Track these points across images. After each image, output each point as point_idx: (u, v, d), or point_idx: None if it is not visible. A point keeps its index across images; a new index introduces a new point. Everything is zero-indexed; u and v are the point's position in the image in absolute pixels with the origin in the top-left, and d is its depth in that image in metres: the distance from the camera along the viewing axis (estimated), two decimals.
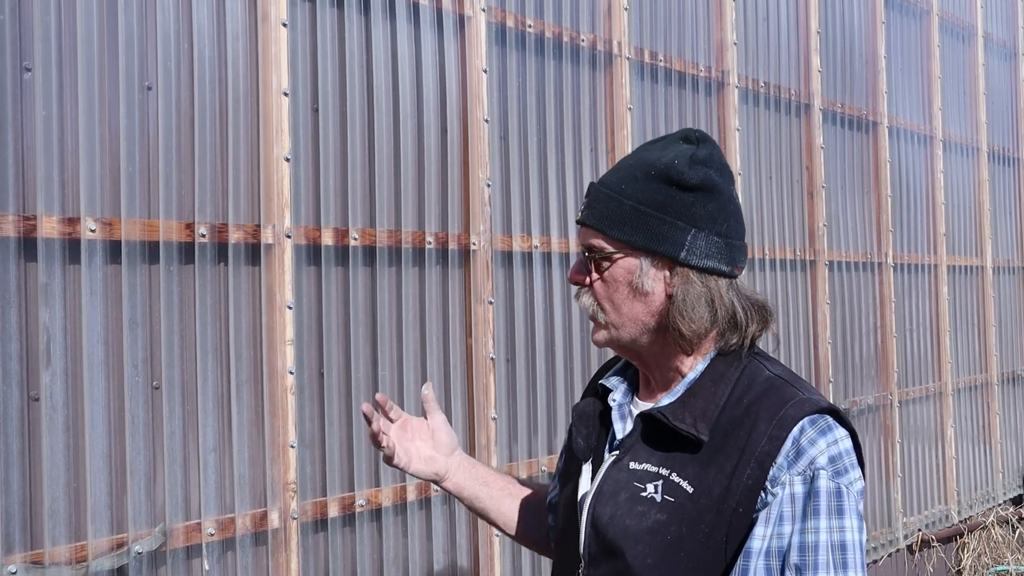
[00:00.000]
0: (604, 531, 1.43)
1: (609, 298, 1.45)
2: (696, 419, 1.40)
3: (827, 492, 1.33)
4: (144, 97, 2.12)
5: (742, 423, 1.38)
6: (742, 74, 3.81)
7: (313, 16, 2.45)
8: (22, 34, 1.95)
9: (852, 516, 1.33)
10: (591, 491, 1.47)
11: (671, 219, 1.41)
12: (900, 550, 4.60)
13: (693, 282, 1.41)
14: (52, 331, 1.96)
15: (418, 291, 2.64)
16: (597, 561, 1.45)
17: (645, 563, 1.38)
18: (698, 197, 1.42)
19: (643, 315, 1.44)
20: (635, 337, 1.45)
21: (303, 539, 2.34)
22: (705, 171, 1.43)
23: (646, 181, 1.43)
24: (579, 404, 1.57)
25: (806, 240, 4.14)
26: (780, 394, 1.40)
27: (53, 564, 1.92)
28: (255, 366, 2.29)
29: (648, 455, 1.43)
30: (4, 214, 1.90)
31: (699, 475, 1.38)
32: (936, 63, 5.12)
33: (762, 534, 1.34)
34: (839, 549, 1.32)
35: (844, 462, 1.36)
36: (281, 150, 2.32)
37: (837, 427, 1.38)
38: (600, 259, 1.45)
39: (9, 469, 1.89)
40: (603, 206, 1.45)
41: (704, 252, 1.41)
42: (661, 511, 1.39)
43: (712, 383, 1.43)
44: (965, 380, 5.28)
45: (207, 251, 2.20)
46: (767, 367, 1.45)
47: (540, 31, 3.03)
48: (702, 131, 1.49)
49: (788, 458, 1.35)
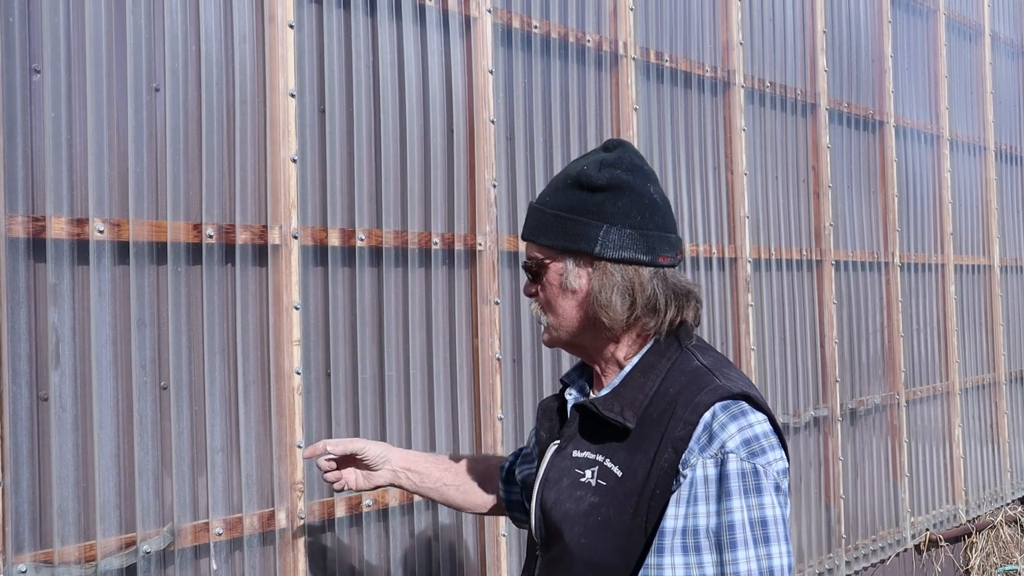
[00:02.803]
0: (549, 514, 1.55)
1: (549, 302, 1.58)
2: (624, 408, 1.51)
3: (739, 473, 1.40)
4: (152, 98, 2.14)
5: (666, 411, 1.48)
6: (748, 74, 3.81)
7: (320, 17, 2.46)
8: (31, 36, 1.96)
9: (771, 493, 1.41)
10: (540, 478, 1.60)
11: (584, 219, 1.52)
12: (908, 550, 4.59)
13: (611, 274, 1.52)
14: (61, 331, 1.97)
15: (424, 291, 2.65)
16: (547, 542, 1.57)
17: (579, 542, 1.50)
18: (607, 196, 1.53)
19: (574, 312, 1.56)
20: (572, 334, 1.58)
21: (310, 539, 2.35)
22: (612, 172, 1.54)
23: (564, 190, 1.56)
24: (543, 400, 1.71)
25: (812, 240, 4.14)
26: (699, 382, 1.49)
27: (62, 563, 1.94)
28: (262, 366, 2.29)
29: (587, 444, 1.55)
30: (14, 215, 1.91)
31: (627, 460, 1.49)
32: (943, 62, 5.11)
33: (674, 514, 1.42)
34: (759, 525, 1.39)
35: (760, 444, 1.43)
36: (288, 151, 2.33)
37: (751, 412, 1.46)
38: (537, 268, 1.58)
39: (19, 469, 1.90)
40: (534, 220, 1.59)
41: (617, 245, 1.52)
42: (595, 494, 1.50)
43: (642, 374, 1.53)
44: (973, 379, 5.27)
45: (214, 252, 2.21)
46: (697, 357, 1.54)
47: (546, 32, 3.03)
48: (620, 139, 1.64)
49: (700, 443, 1.43)
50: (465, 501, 1.98)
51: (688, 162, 3.53)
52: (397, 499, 2.54)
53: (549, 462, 1.59)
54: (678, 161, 3.48)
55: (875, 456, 4.44)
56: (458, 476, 1.97)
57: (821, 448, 4.11)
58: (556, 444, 1.60)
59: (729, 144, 3.72)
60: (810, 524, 3.98)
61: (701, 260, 3.54)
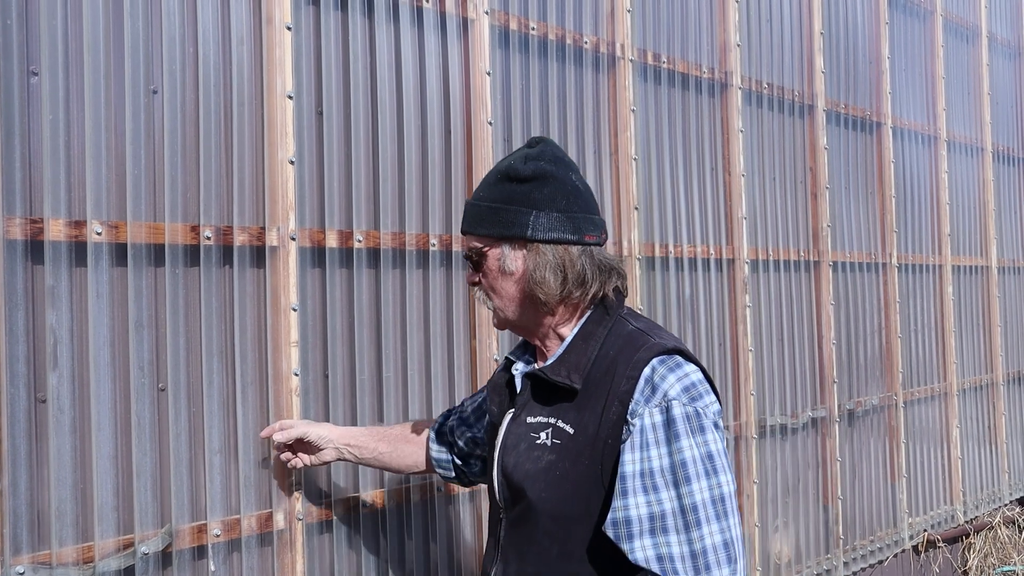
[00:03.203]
0: (511, 477, 1.72)
1: (491, 286, 1.77)
2: (570, 371, 1.69)
3: (683, 416, 1.59)
4: (150, 101, 2.14)
5: (608, 370, 1.66)
6: (745, 75, 3.82)
7: (317, 19, 2.46)
8: (29, 39, 1.96)
9: (711, 431, 1.60)
10: (498, 446, 1.78)
11: (515, 207, 1.71)
12: (906, 551, 4.60)
13: (544, 253, 1.70)
14: (59, 333, 1.98)
15: (422, 293, 2.65)
16: (511, 504, 1.74)
17: (541, 496, 1.67)
18: (534, 185, 1.71)
19: (514, 292, 1.75)
20: (516, 312, 1.76)
21: (308, 540, 2.36)
22: (537, 163, 1.72)
23: (495, 184, 1.75)
24: (492, 377, 1.90)
25: (810, 241, 4.14)
26: (636, 342, 1.68)
27: (60, 565, 1.94)
28: (260, 368, 2.30)
29: (540, 409, 1.72)
30: (11, 217, 1.92)
31: (577, 418, 1.66)
32: (940, 63, 5.12)
33: (631, 459, 1.59)
34: (707, 459, 1.58)
35: (697, 390, 1.63)
36: (286, 153, 2.33)
37: (686, 363, 1.65)
38: (477, 257, 1.77)
39: (16, 470, 1.90)
40: (470, 213, 1.78)
41: (547, 227, 1.70)
42: (551, 452, 1.67)
43: (583, 341, 1.72)
44: (970, 380, 5.28)
45: (212, 253, 2.22)
46: (631, 322, 1.74)
47: (543, 34, 3.04)
48: (542, 136, 1.82)
49: (644, 395, 1.62)
50: (400, 464, 2.23)
51: (686, 163, 3.54)
52: (394, 500, 2.54)
53: (506, 430, 1.77)
54: (676, 162, 3.49)
55: (873, 457, 4.44)
56: (391, 443, 2.21)
57: (819, 449, 4.12)
58: (511, 413, 1.78)
59: (727, 145, 3.73)
60: (808, 525, 3.98)
61: (699, 261, 3.55)
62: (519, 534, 1.72)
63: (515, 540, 1.73)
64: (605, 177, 3.23)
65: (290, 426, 2.22)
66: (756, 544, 3.69)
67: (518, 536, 1.73)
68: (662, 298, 3.39)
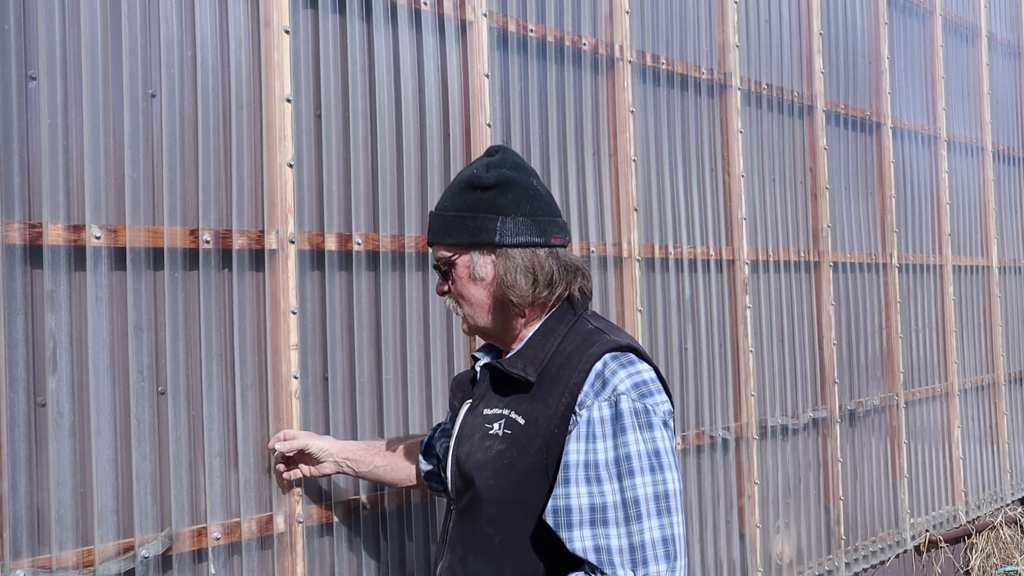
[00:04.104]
0: (463, 466, 1.75)
1: (460, 294, 1.79)
2: (526, 364, 1.72)
3: (631, 411, 1.60)
4: (148, 105, 2.14)
5: (564, 365, 1.69)
6: (744, 76, 3.82)
7: (315, 23, 2.46)
8: (27, 43, 1.97)
9: (660, 428, 1.61)
10: (454, 436, 1.82)
11: (481, 215, 1.74)
12: (908, 551, 4.59)
13: (513, 257, 1.73)
14: (58, 337, 1.98)
15: (421, 295, 2.65)
16: (461, 494, 1.77)
17: (488, 484, 1.69)
18: (498, 192, 1.74)
19: (485, 298, 1.77)
20: (486, 318, 1.79)
21: (309, 543, 2.36)
22: (499, 171, 1.75)
23: (459, 193, 1.77)
24: (456, 375, 1.95)
25: (810, 241, 4.14)
26: (592, 338, 1.71)
27: (60, 568, 1.94)
28: (259, 371, 2.30)
29: (496, 401, 1.75)
30: (10, 222, 1.92)
31: (530, 410, 1.69)
32: (940, 63, 5.12)
33: (575, 449, 1.61)
34: (653, 455, 1.59)
35: (648, 387, 1.65)
36: (284, 156, 2.33)
37: (638, 361, 1.68)
38: (446, 266, 1.79)
39: (16, 474, 1.90)
40: (436, 224, 1.80)
41: (514, 231, 1.73)
42: (502, 442, 1.70)
43: (542, 336, 1.75)
44: (972, 380, 5.27)
45: (211, 257, 2.22)
46: (591, 322, 1.77)
47: (542, 35, 3.04)
48: (500, 144, 1.86)
49: (594, 388, 1.64)
50: (394, 478, 2.27)
51: (685, 164, 3.53)
52: (395, 502, 2.54)
53: (463, 420, 1.82)
54: (675, 163, 3.49)
55: (874, 457, 4.44)
56: (386, 457, 2.26)
57: (820, 449, 4.11)
58: (468, 403, 1.82)
59: (726, 146, 3.73)
60: (809, 525, 3.98)
61: (699, 262, 3.55)
62: (465, 523, 1.75)
63: (461, 530, 1.76)
64: (604, 178, 3.23)
65: (292, 437, 2.25)
66: (757, 545, 3.69)
67: (464, 526, 1.75)
68: (662, 299, 3.39)
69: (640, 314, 3.26)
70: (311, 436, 2.26)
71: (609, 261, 3.21)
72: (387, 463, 2.26)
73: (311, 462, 2.26)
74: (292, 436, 2.25)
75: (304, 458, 2.26)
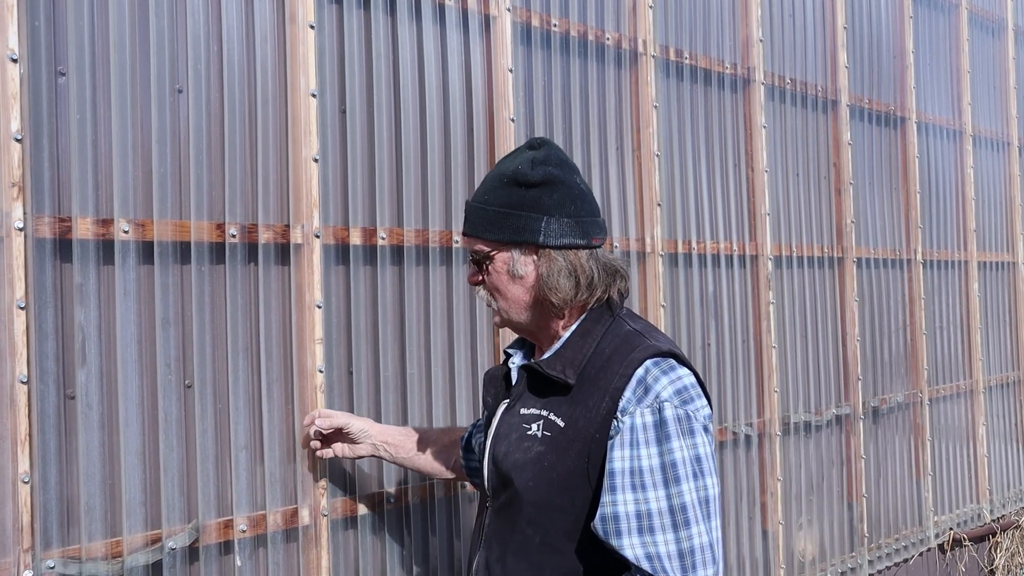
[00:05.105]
0: (500, 465, 1.75)
1: (496, 288, 1.78)
2: (565, 366, 1.71)
3: (675, 418, 1.61)
4: (175, 100, 2.16)
5: (603, 368, 1.68)
6: (768, 71, 3.80)
7: (340, 18, 2.47)
8: (57, 40, 1.99)
9: (701, 434, 1.63)
10: (491, 435, 1.82)
11: (526, 213, 1.72)
12: (931, 549, 4.56)
13: (555, 259, 1.72)
14: (87, 331, 2.00)
15: (445, 290, 2.66)
16: (498, 492, 1.77)
17: (527, 485, 1.70)
18: (544, 191, 1.72)
19: (523, 295, 1.76)
20: (521, 314, 1.78)
21: (333, 536, 2.37)
22: (545, 168, 1.73)
23: (502, 188, 1.74)
24: (488, 370, 1.96)
25: (834, 237, 4.12)
26: (632, 342, 1.71)
27: (90, 559, 1.96)
28: (285, 365, 2.31)
29: (534, 401, 1.75)
30: (40, 216, 1.94)
31: (569, 412, 1.69)
32: (965, 57, 5.07)
33: (620, 456, 1.62)
34: (695, 461, 1.61)
35: (689, 393, 1.65)
36: (309, 151, 2.35)
37: (679, 367, 1.68)
38: (483, 259, 1.77)
39: (47, 466, 1.92)
40: (476, 217, 1.77)
41: (559, 233, 1.72)
42: (541, 444, 1.70)
43: (580, 337, 1.74)
44: (997, 377, 5.23)
45: (237, 251, 2.23)
46: (628, 323, 1.76)
47: (565, 30, 3.04)
48: (543, 137, 1.83)
49: (636, 394, 1.64)
50: (432, 468, 2.27)
51: (708, 159, 3.52)
52: (418, 496, 2.55)
53: (499, 419, 1.81)
54: (698, 158, 3.48)
55: (898, 454, 4.41)
56: (426, 446, 2.26)
57: (843, 446, 4.09)
58: (506, 403, 1.82)
59: (749, 141, 3.71)
60: (832, 523, 3.96)
61: (722, 257, 3.54)
62: (503, 522, 1.75)
63: (499, 528, 1.76)
64: (628, 174, 3.22)
65: (331, 415, 2.25)
66: (780, 542, 3.67)
67: (502, 524, 1.76)
68: (685, 295, 3.38)
69: (663, 310, 3.26)
70: (351, 416, 2.27)
71: (632, 256, 3.20)
72: (426, 452, 2.26)
73: (347, 442, 2.26)
74: (330, 414, 2.25)
75: (341, 437, 2.26)
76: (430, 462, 2.27)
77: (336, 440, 2.28)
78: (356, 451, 2.27)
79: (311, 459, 2.31)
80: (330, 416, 2.25)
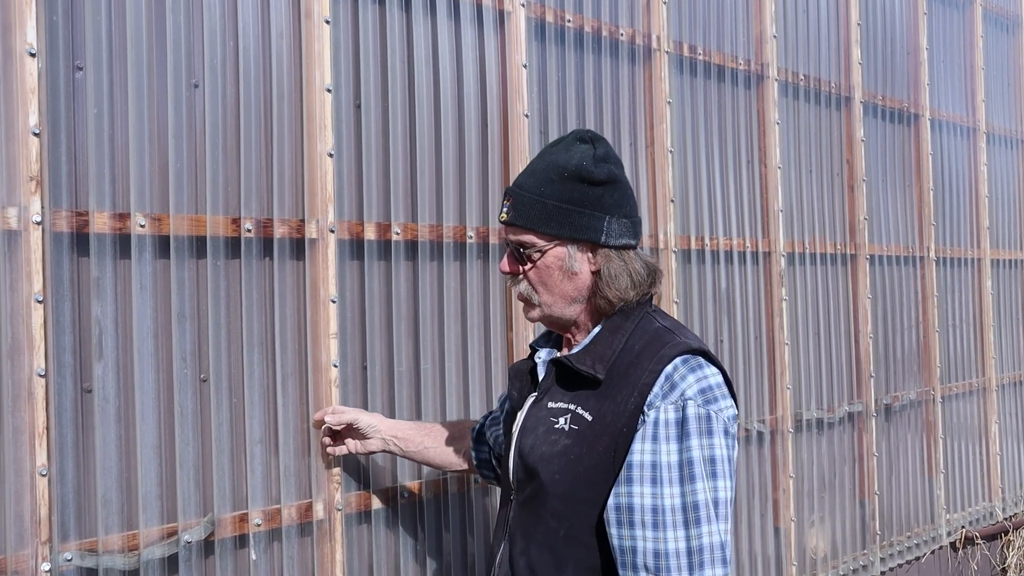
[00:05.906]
0: (527, 458, 1.76)
1: (542, 282, 1.77)
2: (595, 361, 1.72)
3: (696, 417, 1.63)
4: (191, 95, 2.16)
5: (632, 364, 1.69)
6: (782, 67, 3.79)
7: (355, 13, 2.47)
8: (74, 35, 1.99)
9: (720, 435, 1.64)
10: (517, 428, 1.82)
11: (588, 211, 1.72)
12: (943, 547, 4.55)
13: (613, 259, 1.74)
14: (104, 324, 2.01)
15: (459, 285, 2.66)
16: (523, 485, 1.78)
17: (554, 478, 1.71)
18: (606, 190, 1.73)
19: (573, 292, 1.76)
20: (564, 309, 1.78)
21: (347, 530, 2.37)
22: (607, 167, 1.74)
23: (561, 182, 1.72)
24: (514, 364, 1.95)
25: (847, 234, 4.11)
26: (663, 339, 1.72)
27: (106, 552, 1.97)
28: (300, 359, 2.32)
29: (561, 395, 1.76)
30: (58, 210, 1.95)
31: (598, 406, 1.70)
32: (979, 54, 5.05)
33: (640, 449, 1.64)
34: (709, 462, 1.62)
35: (714, 393, 1.66)
36: (325, 146, 2.35)
37: (707, 365, 1.69)
38: (532, 252, 1.75)
39: (64, 459, 1.93)
40: (528, 208, 1.74)
41: (618, 233, 1.74)
42: (568, 437, 1.71)
43: (610, 333, 1.75)
44: (1010, 375, 5.21)
45: (253, 246, 2.24)
46: (657, 320, 1.77)
47: (579, 26, 3.03)
48: (591, 131, 1.81)
49: (663, 390, 1.65)
50: (442, 461, 2.28)
51: (721, 156, 3.52)
52: (432, 491, 2.55)
53: (527, 413, 1.81)
54: (711, 155, 3.47)
55: (910, 452, 4.40)
56: (436, 439, 2.27)
57: (855, 444, 4.08)
58: (534, 396, 1.82)
59: (763, 137, 3.70)
60: (844, 520, 3.95)
61: (735, 254, 3.53)
62: (528, 515, 1.76)
63: (523, 521, 1.77)
64: (641, 169, 3.22)
65: (341, 411, 2.26)
66: (792, 539, 3.67)
67: (526, 517, 1.76)
68: (698, 291, 3.37)
69: (676, 305, 3.25)
70: (361, 412, 2.28)
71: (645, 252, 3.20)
72: (437, 445, 2.27)
73: (358, 437, 2.28)
74: (341, 411, 2.27)
75: (352, 433, 2.28)
76: (440, 455, 2.28)
77: (347, 436, 2.30)
78: (367, 446, 2.28)
79: (325, 454, 2.32)
80: (341, 412, 2.26)
